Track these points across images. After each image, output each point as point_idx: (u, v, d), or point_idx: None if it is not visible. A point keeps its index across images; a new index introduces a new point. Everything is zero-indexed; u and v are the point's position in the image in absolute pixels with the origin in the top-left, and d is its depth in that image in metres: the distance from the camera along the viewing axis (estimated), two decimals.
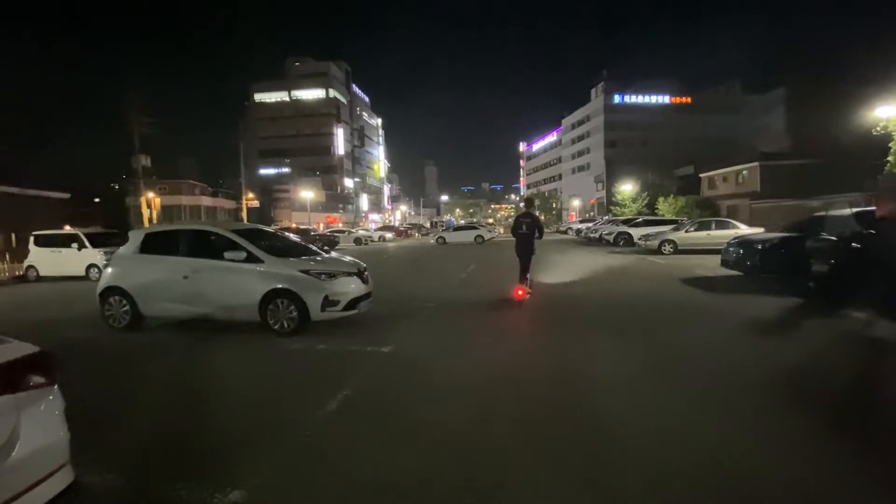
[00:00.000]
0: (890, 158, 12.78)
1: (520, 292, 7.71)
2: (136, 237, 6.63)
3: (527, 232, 7.94)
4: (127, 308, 6.26)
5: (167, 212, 43.62)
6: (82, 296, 9.18)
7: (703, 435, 2.97)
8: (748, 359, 4.64)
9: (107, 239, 13.25)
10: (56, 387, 2.03)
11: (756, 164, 29.78)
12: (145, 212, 28.73)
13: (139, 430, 3.29)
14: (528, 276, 7.95)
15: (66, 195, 27.74)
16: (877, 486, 2.38)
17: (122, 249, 6.71)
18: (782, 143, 34.17)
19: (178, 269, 6.07)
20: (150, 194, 31.06)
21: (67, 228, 15.45)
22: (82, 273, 12.76)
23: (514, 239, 8.17)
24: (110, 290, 6.35)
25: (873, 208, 8.21)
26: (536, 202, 23.48)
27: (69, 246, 13.03)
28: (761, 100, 58.79)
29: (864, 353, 4.97)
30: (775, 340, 5.52)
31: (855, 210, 8.04)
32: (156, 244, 6.47)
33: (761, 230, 14.08)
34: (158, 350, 5.55)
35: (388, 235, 37.09)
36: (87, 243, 12.96)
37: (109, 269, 6.58)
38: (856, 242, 7.10)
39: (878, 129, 12.98)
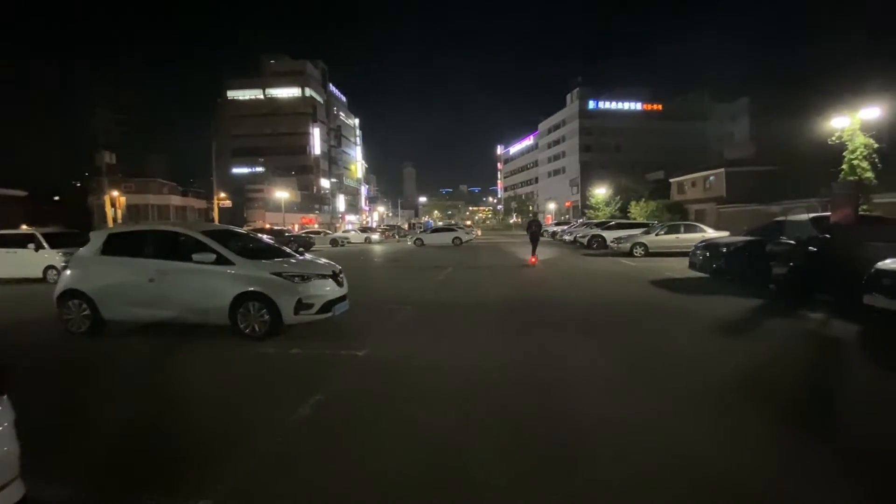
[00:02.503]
0: (844, 167, 13.52)
1: (532, 260, 14.69)
2: (97, 238, 6.35)
3: (535, 230, 15.93)
4: (87, 312, 5.98)
5: (133, 211, 41.92)
6: (38, 299, 8.71)
7: (662, 421, 3.06)
8: (711, 356, 4.81)
9: (67, 239, 12.60)
10: (5, 396, 1.92)
11: (722, 170, 31.01)
12: (109, 211, 27.57)
13: (98, 441, 3.14)
14: (536, 253, 15.23)
15: (24, 193, 26.41)
16: (829, 473, 2.50)
17: (82, 251, 6.41)
18: (747, 151, 35.66)
19: (142, 272, 5.84)
20: (115, 193, 29.84)
21: (24, 228, 14.67)
22: (39, 275, 12.10)
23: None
24: (69, 294, 6.05)
25: (829, 214, 8.73)
26: (540, 215, 38.07)
27: (25, 246, 12.33)
28: (727, 108, 61.29)
29: (818, 351, 5.25)
30: (737, 339, 5.76)
31: (812, 215, 8.49)
32: (119, 245, 6.21)
33: (727, 234, 14.64)
34: (120, 356, 5.33)
35: (375, 237, 36.62)
36: (44, 244, 12.29)
37: (68, 272, 6.28)
38: (812, 246, 7.54)
39: (834, 138, 13.72)
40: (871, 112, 12.84)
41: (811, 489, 2.41)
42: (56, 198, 38.41)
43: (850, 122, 13.22)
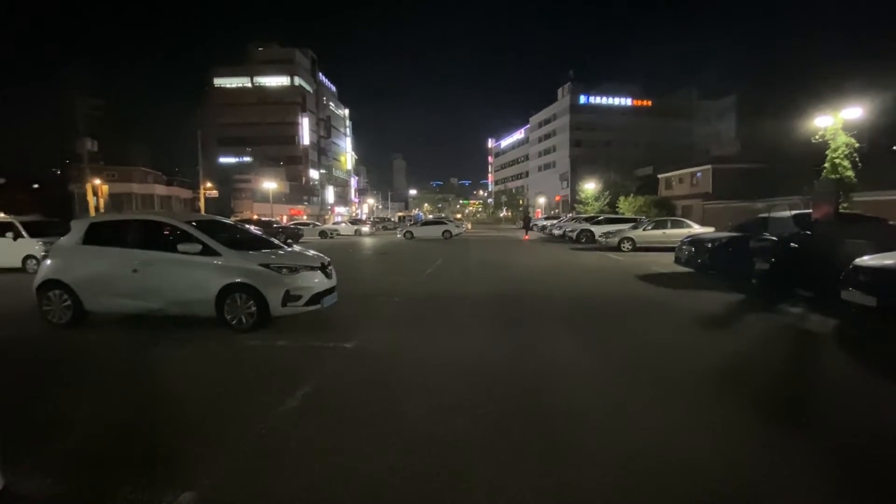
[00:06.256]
0: (826, 165, 13.79)
1: (526, 237, 26.70)
2: (78, 227, 6.21)
3: (527, 221, 30.59)
4: (68, 303, 5.86)
5: (116, 200, 41.04)
6: (17, 289, 8.51)
7: (643, 412, 3.13)
8: (692, 349, 4.91)
9: (46, 228, 12.31)
10: None
11: (709, 166, 31.39)
12: (91, 200, 26.93)
13: (80, 434, 3.10)
14: (528, 233, 28.79)
15: (1, 180, 25.70)
16: (804, 463, 2.59)
17: (63, 240, 6.27)
18: (733, 148, 36.18)
19: (126, 262, 5.73)
20: (97, 181, 29.13)
21: (2, 216, 14.26)
22: (18, 265, 11.81)
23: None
24: (49, 284, 5.92)
25: (810, 211, 8.90)
26: (530, 209, 45.06)
27: (4, 235, 12.01)
28: (715, 106, 62.04)
29: (796, 345, 5.39)
30: (718, 333, 5.89)
31: (794, 212, 8.66)
32: (101, 235, 6.08)
33: (712, 230, 14.88)
34: (102, 348, 5.24)
35: (365, 229, 36.67)
36: (23, 232, 11.99)
37: (49, 261, 6.14)
38: (794, 242, 7.69)
39: (817, 137, 13.97)
40: (853, 112, 13.09)
41: (786, 476, 2.49)
42: (35, 185, 37.36)
43: (832, 122, 13.46)
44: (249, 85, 70.01)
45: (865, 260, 5.55)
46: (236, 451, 2.80)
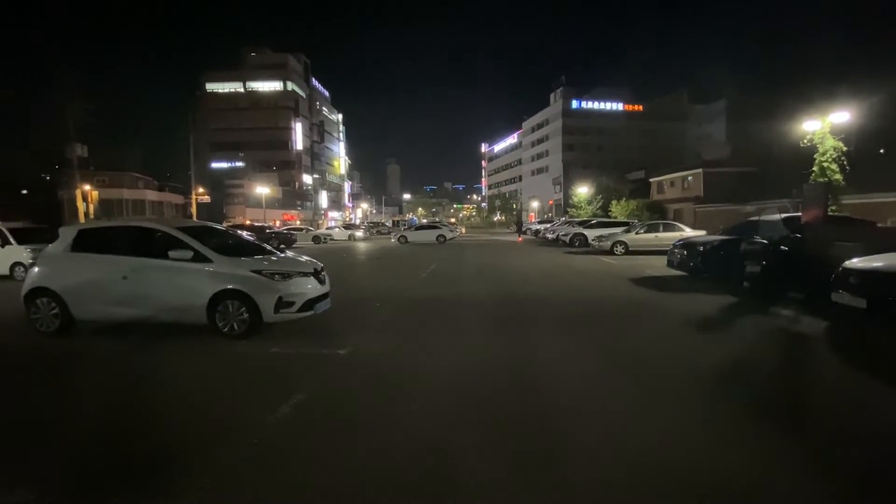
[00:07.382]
0: (815, 168, 13.99)
1: (519, 239, 28.97)
2: (67, 234, 6.12)
3: (520, 224, 35.59)
4: (57, 311, 5.76)
5: (107, 206, 40.54)
6: (5, 297, 8.37)
7: (641, 414, 3.12)
8: (687, 351, 4.93)
9: (35, 235, 12.10)
10: None
11: (700, 170, 31.76)
12: (81, 206, 26.62)
13: (69, 444, 3.04)
14: (521, 235, 31.48)
15: None
16: (798, 463, 2.59)
17: (51, 247, 6.17)
18: (724, 152, 36.59)
19: (115, 269, 5.65)
20: (87, 187, 28.81)
21: None
22: (6, 272, 11.63)
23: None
24: (37, 292, 5.82)
25: (800, 214, 9.00)
26: (523, 213, 47.17)
27: None
28: (705, 110, 62.78)
29: (786, 346, 5.43)
30: (710, 335, 5.93)
31: (784, 216, 8.75)
32: (90, 242, 6.00)
33: (703, 233, 15.00)
34: (92, 356, 5.15)
35: (359, 234, 36.75)
36: (11, 239, 11.80)
37: (37, 269, 6.04)
38: (784, 245, 7.77)
39: (805, 141, 14.18)
40: (841, 116, 13.31)
41: (782, 476, 2.49)
42: (24, 191, 36.88)
43: (820, 126, 13.67)
44: (242, 90, 69.79)
45: (855, 262, 5.61)
46: (229, 459, 2.76)
